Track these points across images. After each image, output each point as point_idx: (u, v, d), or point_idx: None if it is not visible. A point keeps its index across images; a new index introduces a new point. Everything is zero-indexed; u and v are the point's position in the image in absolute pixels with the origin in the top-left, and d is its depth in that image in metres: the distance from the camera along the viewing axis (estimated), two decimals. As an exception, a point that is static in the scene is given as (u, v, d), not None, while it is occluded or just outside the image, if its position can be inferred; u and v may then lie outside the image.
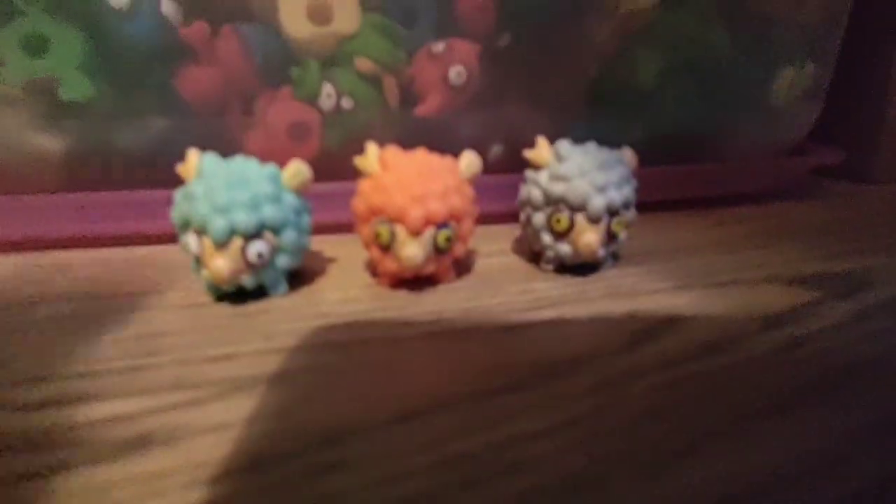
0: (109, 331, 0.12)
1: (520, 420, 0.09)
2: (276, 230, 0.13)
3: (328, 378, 0.10)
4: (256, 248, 0.12)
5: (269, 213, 0.12)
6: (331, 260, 0.17)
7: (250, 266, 0.12)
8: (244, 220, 0.12)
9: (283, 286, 0.14)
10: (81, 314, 0.13)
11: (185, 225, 0.12)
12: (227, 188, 0.12)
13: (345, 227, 0.18)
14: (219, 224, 0.12)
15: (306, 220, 0.14)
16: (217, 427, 0.09)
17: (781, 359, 0.11)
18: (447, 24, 0.18)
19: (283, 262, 0.13)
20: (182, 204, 0.12)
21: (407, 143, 0.14)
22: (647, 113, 0.21)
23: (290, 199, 0.13)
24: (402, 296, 0.14)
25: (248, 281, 0.13)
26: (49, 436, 0.08)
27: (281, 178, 0.13)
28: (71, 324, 0.12)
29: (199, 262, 0.13)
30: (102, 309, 0.13)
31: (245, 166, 0.12)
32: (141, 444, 0.08)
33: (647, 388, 0.10)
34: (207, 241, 0.12)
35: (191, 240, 0.12)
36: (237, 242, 0.12)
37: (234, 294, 0.13)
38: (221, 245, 0.12)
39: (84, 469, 0.08)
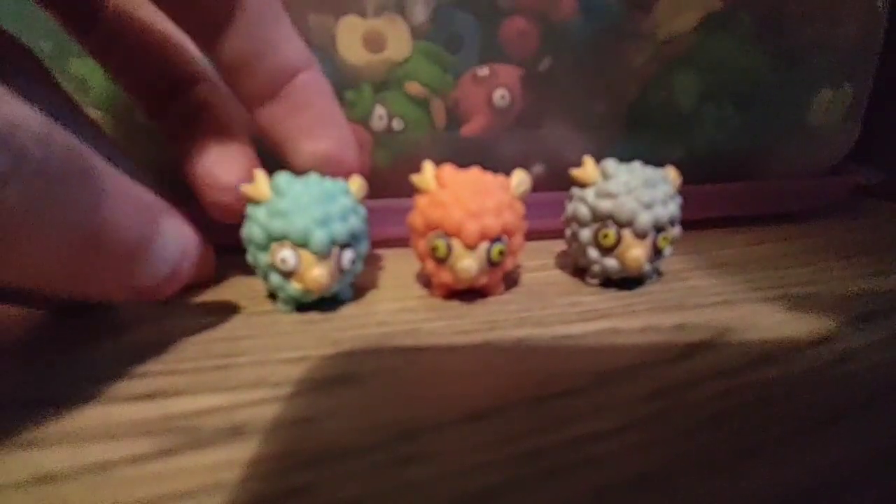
0: (189, 333, 0.13)
1: (586, 421, 0.09)
2: (358, 239, 0.14)
3: (396, 380, 0.11)
4: (349, 255, 0.13)
5: (355, 222, 0.13)
6: (382, 273, 0.17)
7: (342, 273, 0.13)
8: (340, 230, 0.13)
9: (351, 292, 0.15)
10: (162, 316, 0.14)
11: (271, 240, 0.13)
12: (318, 202, 0.13)
13: (393, 242, 0.19)
14: (321, 235, 0.12)
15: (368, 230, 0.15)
16: (301, 420, 0.09)
17: (834, 371, 0.11)
18: (491, 50, 0.19)
19: (357, 268, 0.14)
20: (269, 221, 0.13)
21: (453, 162, 0.15)
22: (686, 134, 0.21)
23: (362, 210, 0.14)
24: (456, 306, 0.15)
25: (332, 289, 0.13)
26: (152, 425, 0.09)
27: (351, 191, 0.14)
28: (156, 324, 0.13)
29: (286, 275, 0.13)
30: (180, 312, 0.14)
31: (320, 182, 0.13)
32: (236, 433, 0.09)
33: (704, 395, 0.10)
34: (306, 253, 0.13)
35: (287, 254, 0.13)
36: (335, 252, 0.13)
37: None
38: (324, 256, 0.13)
39: (189, 453, 0.08)
